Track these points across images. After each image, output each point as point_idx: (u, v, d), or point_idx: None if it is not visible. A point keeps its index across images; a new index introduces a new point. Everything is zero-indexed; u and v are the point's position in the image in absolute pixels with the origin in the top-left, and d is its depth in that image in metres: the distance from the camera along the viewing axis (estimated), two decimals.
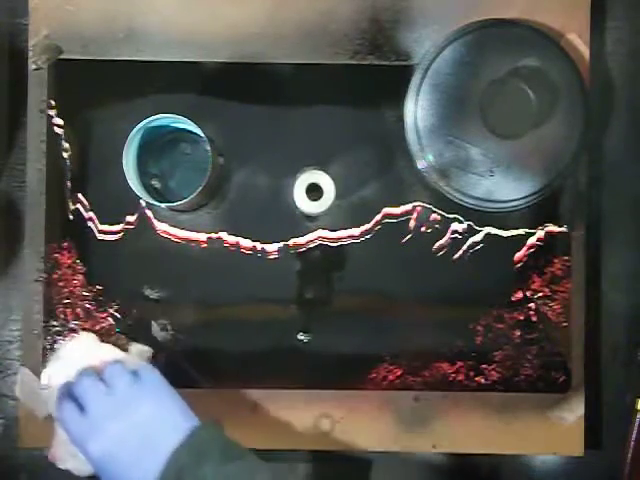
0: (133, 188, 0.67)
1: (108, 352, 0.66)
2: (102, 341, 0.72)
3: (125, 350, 0.68)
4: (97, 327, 0.73)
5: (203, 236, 0.74)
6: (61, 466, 0.63)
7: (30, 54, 0.74)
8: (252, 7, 0.74)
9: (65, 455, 0.63)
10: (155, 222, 0.73)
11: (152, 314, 0.73)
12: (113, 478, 0.58)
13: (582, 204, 0.75)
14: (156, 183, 0.74)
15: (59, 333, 0.73)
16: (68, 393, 0.61)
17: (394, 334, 0.73)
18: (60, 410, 0.60)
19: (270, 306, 0.73)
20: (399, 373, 0.73)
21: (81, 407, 0.60)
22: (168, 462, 0.56)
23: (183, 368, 0.73)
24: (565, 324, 0.74)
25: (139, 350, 0.67)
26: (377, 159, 0.74)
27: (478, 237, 0.74)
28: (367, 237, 0.74)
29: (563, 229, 0.74)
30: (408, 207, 0.74)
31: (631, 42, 0.78)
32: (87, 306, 0.73)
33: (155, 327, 0.73)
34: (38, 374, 0.73)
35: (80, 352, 0.65)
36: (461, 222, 0.74)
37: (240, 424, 0.73)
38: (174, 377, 0.63)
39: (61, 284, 0.73)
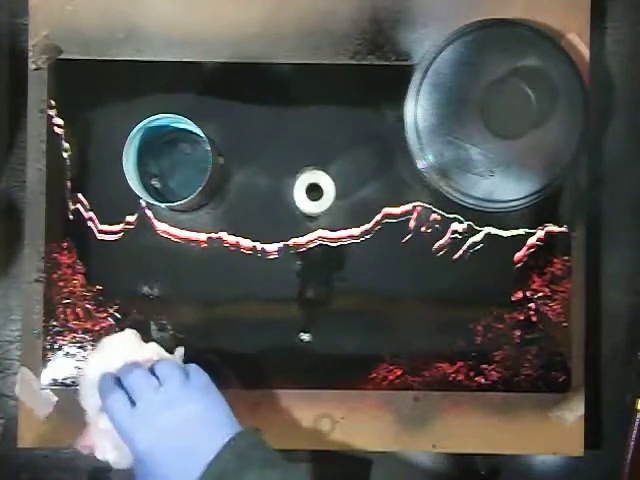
0: (133, 188, 0.67)
1: (152, 350, 0.66)
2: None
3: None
4: (97, 327, 0.73)
5: (203, 236, 0.74)
6: (99, 456, 0.63)
7: (30, 54, 0.74)
8: (252, 7, 0.74)
9: (106, 445, 0.62)
10: (155, 222, 0.73)
11: (152, 314, 0.73)
12: (152, 473, 0.58)
13: (582, 204, 0.75)
14: (156, 183, 0.74)
15: (59, 333, 0.73)
16: (117, 384, 0.61)
17: (394, 334, 0.73)
18: (109, 400, 0.60)
19: (270, 306, 0.73)
20: (399, 373, 0.73)
21: (131, 399, 0.60)
22: (210, 465, 0.57)
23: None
24: (565, 324, 0.74)
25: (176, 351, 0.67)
26: (377, 159, 0.74)
27: (478, 237, 0.74)
28: (367, 237, 0.74)
29: (563, 229, 0.74)
30: (408, 207, 0.74)
31: (631, 42, 0.78)
32: (87, 306, 0.73)
33: (154, 327, 0.73)
34: (38, 374, 0.73)
35: (124, 347, 0.65)
36: (461, 222, 0.74)
37: (240, 424, 0.73)
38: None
39: (61, 284, 0.73)
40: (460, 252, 0.74)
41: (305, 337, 0.73)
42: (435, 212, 0.74)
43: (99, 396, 0.62)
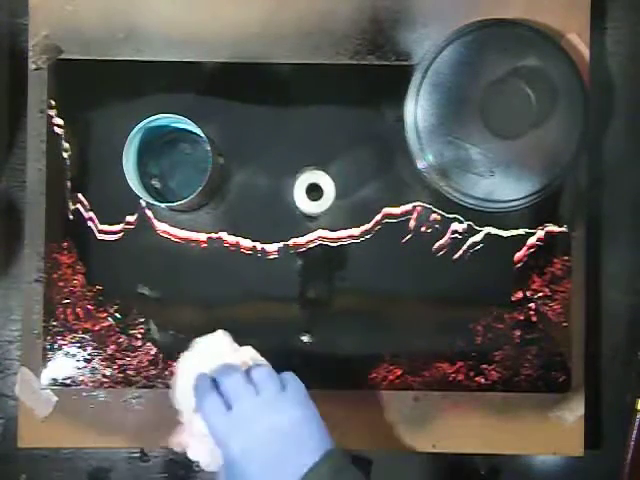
0: (133, 188, 0.67)
1: (247, 354, 0.64)
2: (105, 341, 0.72)
3: None
4: (97, 327, 0.73)
5: (203, 236, 0.74)
6: (191, 456, 0.62)
7: (30, 54, 0.74)
8: (252, 7, 0.74)
9: (199, 447, 0.62)
10: (155, 222, 0.73)
11: (152, 314, 0.73)
12: (243, 478, 0.57)
13: (582, 204, 0.75)
14: (156, 183, 0.74)
15: (59, 333, 0.73)
16: (214, 386, 0.60)
17: (394, 334, 0.73)
18: (205, 402, 0.59)
19: (270, 306, 0.73)
20: (399, 373, 0.73)
21: (226, 402, 0.59)
22: (306, 477, 0.56)
23: None
24: (565, 324, 0.74)
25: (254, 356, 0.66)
26: (377, 159, 0.74)
27: (478, 237, 0.74)
28: (367, 237, 0.74)
29: (563, 229, 0.74)
30: (408, 207, 0.74)
31: (631, 42, 0.78)
32: (87, 306, 0.73)
33: (155, 326, 0.73)
34: (38, 374, 0.73)
35: (218, 348, 0.64)
36: (461, 222, 0.74)
37: None
38: None
39: (61, 284, 0.73)
40: (460, 252, 0.74)
41: (305, 338, 0.73)
42: (435, 212, 0.74)
43: (195, 396, 0.61)
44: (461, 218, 0.74)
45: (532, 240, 0.74)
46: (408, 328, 0.73)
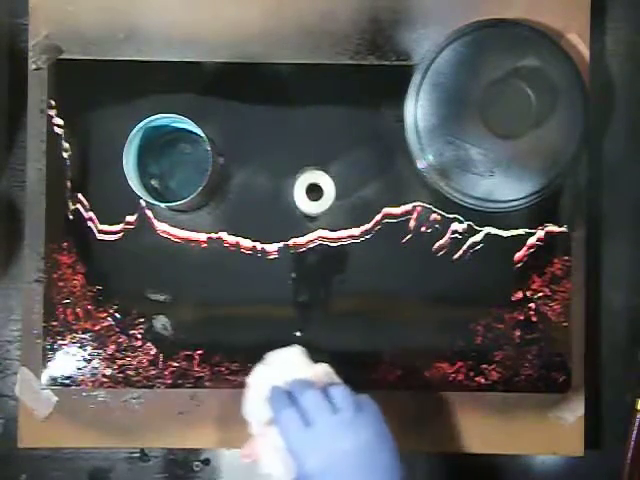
0: (133, 188, 0.67)
1: (322, 370, 0.65)
2: (105, 341, 0.72)
3: None
4: (97, 327, 0.73)
5: (203, 236, 0.74)
6: (262, 469, 0.62)
7: (30, 54, 0.74)
8: (252, 7, 0.74)
9: (272, 459, 0.62)
10: (155, 222, 0.73)
11: (152, 314, 0.73)
12: None
13: (582, 204, 0.75)
14: (156, 183, 0.74)
15: (59, 333, 0.73)
16: (289, 399, 0.61)
17: (394, 334, 0.73)
18: (283, 416, 0.60)
19: (270, 306, 0.73)
20: (399, 373, 0.73)
21: (304, 419, 0.59)
22: None
23: None
24: (565, 324, 0.74)
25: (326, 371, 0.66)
26: (377, 159, 0.74)
27: (478, 237, 0.74)
28: (367, 237, 0.74)
29: (563, 229, 0.74)
30: (408, 207, 0.74)
31: (631, 42, 0.78)
32: (87, 306, 0.73)
33: (155, 327, 0.73)
34: (38, 374, 0.73)
35: (294, 363, 0.65)
36: (461, 222, 0.74)
37: (240, 425, 0.73)
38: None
39: (61, 284, 0.73)
40: (460, 252, 0.74)
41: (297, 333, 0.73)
42: (435, 212, 0.74)
43: (272, 409, 0.61)
44: (461, 218, 0.74)
45: (532, 240, 0.74)
46: (408, 328, 0.73)
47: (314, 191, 0.71)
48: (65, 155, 0.73)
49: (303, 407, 0.60)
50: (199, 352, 0.73)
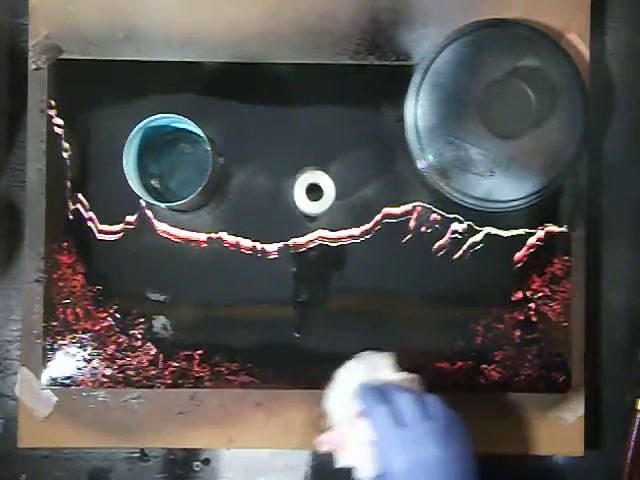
0: (133, 188, 0.67)
1: (414, 380, 0.66)
2: (105, 341, 0.72)
3: None
4: (97, 327, 0.73)
5: (203, 236, 0.74)
6: (340, 460, 0.63)
7: (30, 54, 0.74)
8: (252, 7, 0.74)
9: (356, 455, 0.62)
10: (155, 222, 0.73)
11: (152, 314, 0.73)
12: None
13: (582, 204, 0.75)
14: (156, 183, 0.74)
15: (59, 333, 0.73)
16: (385, 400, 0.61)
17: (394, 334, 0.73)
18: (377, 411, 0.61)
19: (269, 306, 0.73)
20: None
21: (397, 418, 0.60)
22: None
23: None
24: (565, 324, 0.74)
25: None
26: (377, 159, 0.74)
27: (478, 237, 0.74)
28: (367, 237, 0.74)
29: (563, 229, 0.74)
30: (408, 207, 0.74)
31: (631, 42, 0.78)
32: (87, 306, 0.73)
33: (155, 327, 0.73)
34: (38, 374, 0.73)
35: (381, 366, 0.66)
36: (461, 222, 0.74)
37: (240, 424, 0.73)
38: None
39: (61, 284, 0.73)
40: (460, 252, 0.74)
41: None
42: (435, 212, 0.74)
43: (363, 402, 0.62)
44: (461, 218, 0.74)
45: (532, 240, 0.74)
46: (408, 328, 0.73)
47: (314, 191, 0.71)
48: (65, 155, 0.73)
49: (397, 407, 0.61)
50: (199, 352, 0.73)
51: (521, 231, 0.74)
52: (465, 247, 0.74)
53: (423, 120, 0.68)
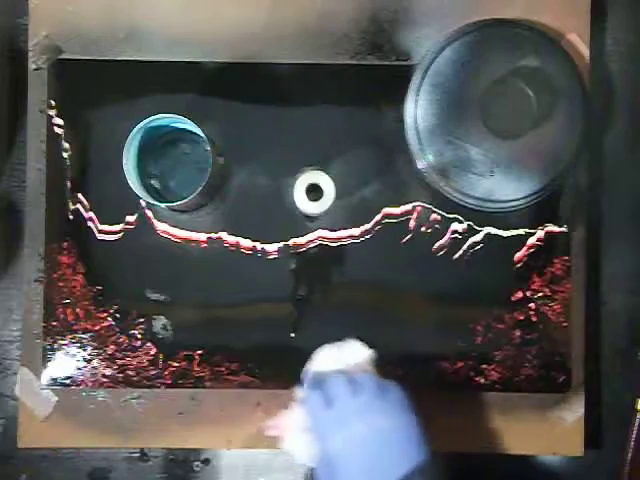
0: (133, 188, 0.67)
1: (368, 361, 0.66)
2: (105, 341, 0.72)
3: None
4: (97, 327, 0.73)
5: (203, 236, 0.74)
6: (284, 446, 0.63)
7: (30, 54, 0.74)
8: (252, 7, 0.74)
9: (296, 441, 0.62)
10: (155, 222, 0.73)
11: (152, 314, 0.73)
12: (336, 477, 0.57)
13: (582, 204, 0.75)
14: (156, 183, 0.74)
15: (59, 333, 0.73)
16: (318, 385, 0.62)
17: (394, 334, 0.73)
18: (307, 396, 0.61)
19: (269, 306, 0.73)
20: (399, 373, 0.73)
21: (329, 403, 0.60)
22: None
23: None
24: (565, 324, 0.74)
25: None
26: (377, 159, 0.74)
27: (478, 237, 0.74)
28: (367, 237, 0.74)
29: (563, 229, 0.74)
30: (408, 207, 0.74)
31: (631, 42, 0.78)
32: (87, 306, 0.73)
33: (155, 327, 0.73)
34: (38, 374, 0.73)
35: (349, 355, 0.66)
36: (461, 222, 0.74)
37: (240, 424, 0.73)
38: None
39: (61, 284, 0.73)
40: (460, 252, 0.74)
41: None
42: (435, 212, 0.74)
43: (301, 390, 0.63)
44: (461, 218, 0.74)
45: (532, 240, 0.74)
46: (408, 328, 0.73)
47: (314, 191, 0.71)
48: (65, 155, 0.73)
49: (328, 390, 0.61)
50: (199, 352, 0.73)
51: (521, 231, 0.74)
52: (465, 247, 0.74)
53: (423, 120, 0.68)
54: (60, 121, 0.73)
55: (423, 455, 0.58)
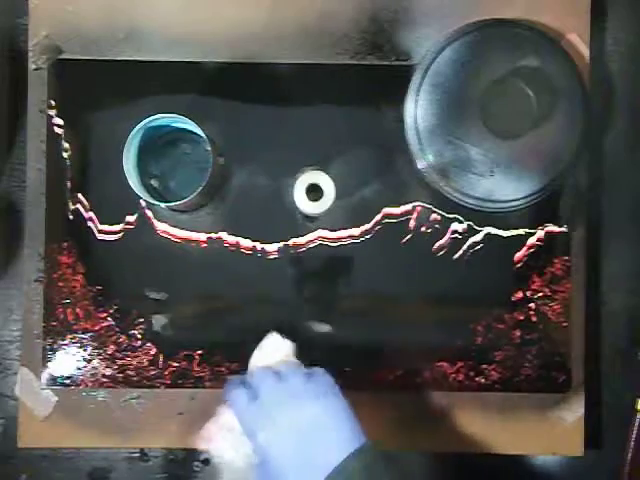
0: (133, 188, 0.67)
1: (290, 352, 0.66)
2: (105, 341, 0.72)
3: None
4: (97, 327, 0.73)
5: (203, 236, 0.74)
6: (214, 452, 0.62)
7: (30, 54, 0.74)
8: (252, 7, 0.74)
9: (224, 444, 0.62)
10: (155, 222, 0.73)
11: (152, 314, 0.73)
12: (271, 471, 0.56)
13: (582, 204, 0.75)
14: (156, 183, 0.74)
15: (59, 333, 0.73)
16: (242, 383, 0.61)
17: (394, 334, 0.73)
18: (232, 397, 0.60)
19: (270, 306, 0.73)
20: (399, 373, 0.73)
21: (254, 396, 0.59)
22: (335, 473, 0.55)
23: None
24: (565, 324, 0.74)
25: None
26: (377, 159, 0.74)
27: (478, 237, 0.74)
28: (367, 237, 0.74)
29: (563, 229, 0.74)
30: (408, 207, 0.74)
31: (631, 42, 0.78)
32: (87, 306, 0.73)
33: (155, 326, 0.73)
34: (38, 374, 0.73)
35: (273, 350, 0.65)
36: (461, 222, 0.74)
37: None
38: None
39: (61, 284, 0.73)
40: (460, 252, 0.74)
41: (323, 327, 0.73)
42: (435, 212, 0.74)
43: (225, 393, 0.62)
44: (461, 218, 0.74)
45: (532, 240, 0.74)
46: (408, 328, 0.73)
47: (314, 191, 0.71)
48: (65, 155, 0.73)
49: (252, 386, 0.60)
50: (199, 352, 0.73)
51: (521, 231, 0.74)
52: (465, 247, 0.74)
53: (423, 120, 0.68)
54: (60, 121, 0.73)
55: (360, 439, 0.57)
